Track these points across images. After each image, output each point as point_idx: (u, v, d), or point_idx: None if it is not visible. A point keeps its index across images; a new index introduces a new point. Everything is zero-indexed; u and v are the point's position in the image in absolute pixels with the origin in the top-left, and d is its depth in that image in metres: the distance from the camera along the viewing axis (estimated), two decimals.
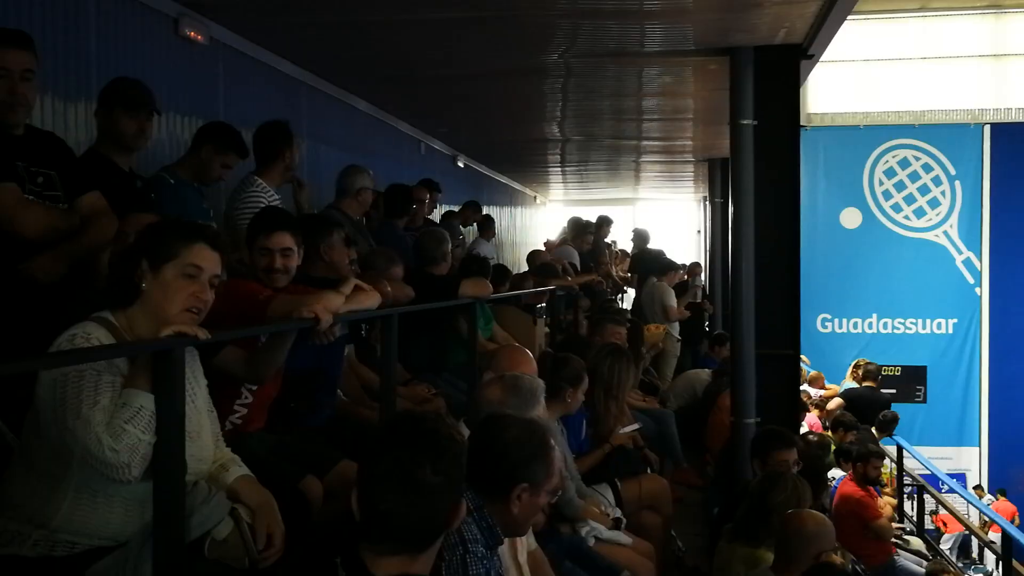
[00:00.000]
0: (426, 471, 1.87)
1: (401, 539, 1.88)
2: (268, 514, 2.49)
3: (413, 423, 1.98)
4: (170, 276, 2.40)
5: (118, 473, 2.21)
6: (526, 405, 3.01)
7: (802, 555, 3.71)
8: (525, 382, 3.17)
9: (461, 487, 1.94)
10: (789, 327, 5.98)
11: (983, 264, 14.92)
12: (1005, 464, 14.82)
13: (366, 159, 6.71)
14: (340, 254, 4.23)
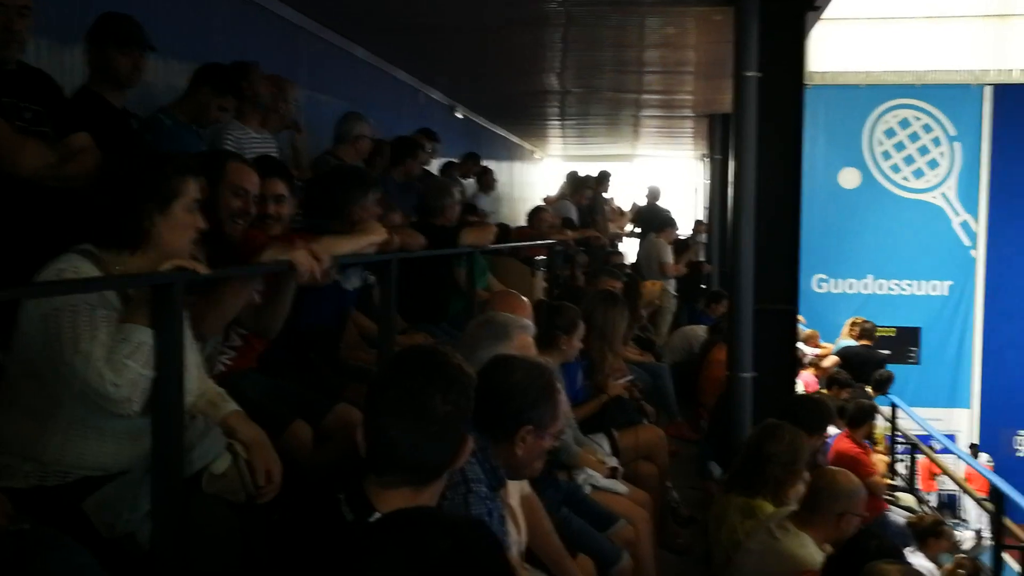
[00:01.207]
0: (436, 400, 1.86)
1: (408, 469, 1.87)
2: (264, 450, 2.49)
3: (424, 353, 1.98)
4: (179, 213, 2.41)
5: (120, 408, 2.21)
6: (496, 339, 2.99)
7: (827, 510, 3.73)
8: (499, 318, 3.15)
9: (469, 421, 1.93)
10: (788, 283, 5.96)
11: (980, 227, 14.91)
12: (995, 426, 14.94)
13: (364, 108, 6.64)
14: (371, 216, 4.02)
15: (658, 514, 4.82)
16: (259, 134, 4.73)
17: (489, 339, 3.02)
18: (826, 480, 3.87)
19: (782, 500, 4.15)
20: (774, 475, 4.11)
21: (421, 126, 7.89)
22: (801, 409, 4.71)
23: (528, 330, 3.19)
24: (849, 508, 3.75)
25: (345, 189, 3.97)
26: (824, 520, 3.69)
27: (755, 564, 3.68)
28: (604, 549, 3.77)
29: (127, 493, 2.26)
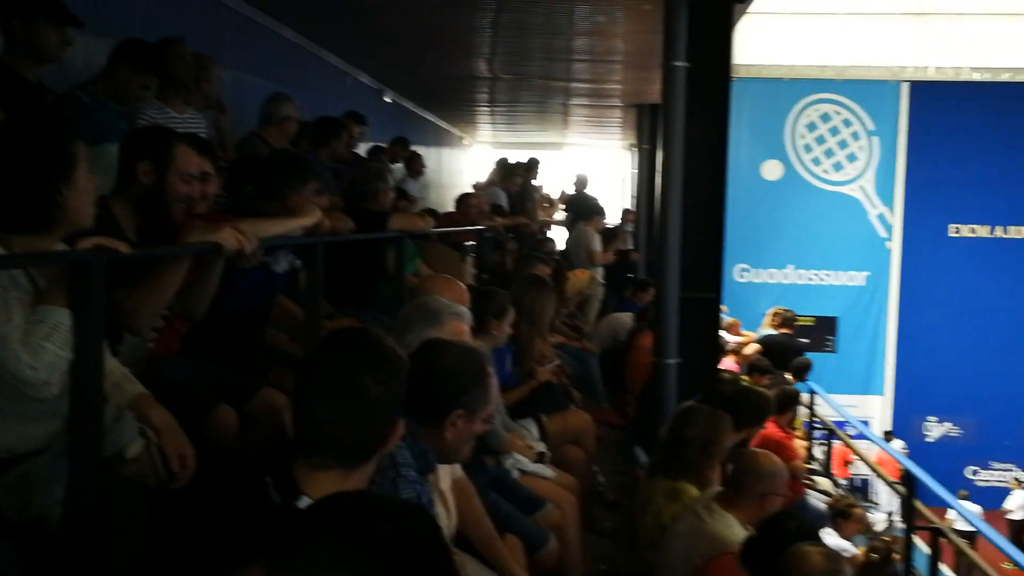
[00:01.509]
0: (366, 380, 1.83)
1: (337, 450, 1.84)
2: (174, 434, 2.44)
3: (356, 334, 1.95)
4: (81, 179, 2.33)
5: (38, 391, 2.13)
6: (427, 324, 2.98)
7: (751, 491, 3.80)
8: (433, 303, 3.14)
9: (400, 404, 1.91)
10: (712, 272, 6.06)
11: (896, 219, 15.38)
12: (907, 413, 15.46)
13: (291, 89, 6.52)
14: (306, 204, 4.00)
15: (585, 498, 4.86)
16: (182, 114, 4.60)
17: (421, 323, 3.00)
18: (749, 462, 3.94)
19: (704, 482, 4.22)
20: (693, 458, 4.18)
21: (349, 109, 7.79)
22: (743, 400, 4.81)
23: (462, 317, 3.18)
24: (772, 489, 3.82)
25: (285, 175, 3.91)
26: (748, 501, 3.75)
27: (682, 546, 3.74)
28: (531, 533, 3.78)
29: (40, 476, 2.19)
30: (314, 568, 1.29)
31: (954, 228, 15.41)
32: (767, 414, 4.89)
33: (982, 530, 7.77)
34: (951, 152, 15.07)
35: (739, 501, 3.77)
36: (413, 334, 2.96)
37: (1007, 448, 15.30)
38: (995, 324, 15.18)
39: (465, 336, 3.08)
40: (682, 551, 3.69)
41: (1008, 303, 15.14)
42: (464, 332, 3.11)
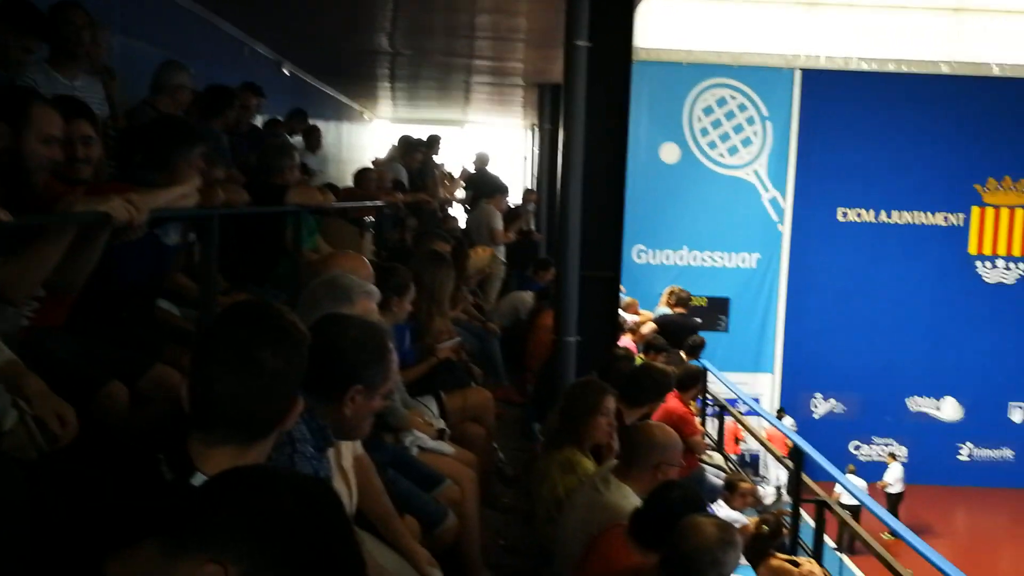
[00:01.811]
0: (266, 353, 1.78)
1: (233, 425, 1.79)
2: (48, 398, 2.34)
3: (256, 307, 1.89)
4: None
5: None
6: (339, 302, 2.93)
7: (645, 462, 3.86)
8: (342, 280, 3.09)
9: (299, 380, 1.86)
10: (612, 252, 6.14)
11: (787, 203, 15.84)
12: (795, 390, 16.03)
13: (185, 58, 6.30)
14: (196, 170, 3.89)
15: (484, 475, 4.88)
16: (72, 81, 4.40)
17: (330, 301, 2.95)
18: (643, 434, 4.01)
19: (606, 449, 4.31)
20: (583, 430, 4.26)
21: (246, 80, 7.58)
22: (644, 378, 4.90)
23: (372, 296, 3.13)
24: (665, 460, 3.90)
25: (171, 141, 3.76)
26: (642, 472, 3.81)
27: (580, 518, 3.79)
28: (430, 509, 3.78)
29: None
30: (213, 544, 1.27)
31: (842, 212, 15.97)
32: (667, 390, 4.99)
33: (864, 502, 8.13)
34: (840, 139, 15.61)
35: (634, 473, 3.82)
36: (321, 312, 2.90)
37: (887, 424, 16.04)
38: (878, 305, 15.83)
39: (373, 315, 3.04)
40: (580, 523, 3.74)
41: (891, 285, 15.81)
42: (373, 311, 3.08)
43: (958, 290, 15.89)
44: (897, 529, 6.45)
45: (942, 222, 15.94)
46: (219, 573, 1.26)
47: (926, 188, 15.78)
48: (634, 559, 3.33)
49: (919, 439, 16.04)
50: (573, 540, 3.67)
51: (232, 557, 1.27)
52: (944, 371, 15.94)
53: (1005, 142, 15.60)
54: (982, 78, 15.37)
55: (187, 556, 1.28)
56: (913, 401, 16.17)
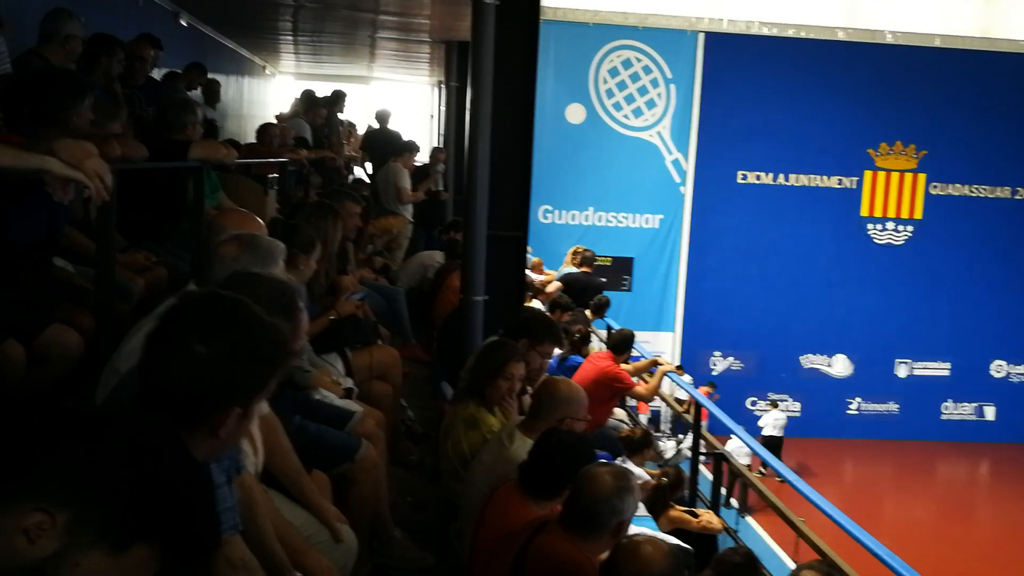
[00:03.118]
0: (198, 342, 1.75)
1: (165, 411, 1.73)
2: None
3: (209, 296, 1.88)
4: None
5: None
6: (263, 263, 2.90)
7: (549, 416, 3.92)
8: (263, 241, 3.05)
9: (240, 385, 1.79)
10: (519, 211, 6.17)
11: (689, 165, 16.11)
12: (695, 348, 16.44)
13: (75, 7, 6.04)
14: (85, 123, 3.80)
15: (392, 433, 4.89)
16: None
17: (254, 262, 2.90)
18: (547, 389, 4.09)
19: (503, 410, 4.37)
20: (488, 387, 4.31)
21: (140, 31, 7.30)
22: (530, 322, 4.96)
23: (284, 254, 3.12)
24: (569, 414, 3.97)
25: (59, 94, 3.64)
26: (547, 427, 3.84)
27: (485, 472, 3.84)
28: (343, 443, 3.79)
29: None
30: (37, 492, 1.23)
31: (741, 175, 16.33)
32: (552, 334, 5.05)
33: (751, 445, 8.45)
34: (741, 103, 15.91)
35: (539, 426, 3.88)
36: (236, 270, 2.86)
37: (782, 380, 16.62)
38: (776, 266, 16.31)
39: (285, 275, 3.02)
40: (484, 478, 3.80)
41: (788, 247, 16.29)
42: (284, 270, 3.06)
43: (851, 251, 16.47)
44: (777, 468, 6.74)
45: (836, 185, 16.46)
46: (46, 521, 1.22)
47: (822, 152, 16.25)
48: (530, 512, 3.40)
49: (812, 394, 16.68)
50: (478, 495, 3.72)
51: (58, 504, 1.22)
52: (836, 329, 16.56)
53: (897, 108, 16.15)
54: (877, 45, 15.84)
55: (14, 506, 1.22)
56: (807, 358, 16.78)
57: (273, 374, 1.83)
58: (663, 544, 3.00)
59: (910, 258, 16.60)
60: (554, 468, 3.43)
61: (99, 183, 2.75)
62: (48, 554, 1.22)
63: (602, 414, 7.35)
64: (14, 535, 1.21)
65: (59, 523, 1.22)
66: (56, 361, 3.09)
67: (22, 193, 3.34)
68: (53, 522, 1.22)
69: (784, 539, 9.64)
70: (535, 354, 4.72)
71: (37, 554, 1.21)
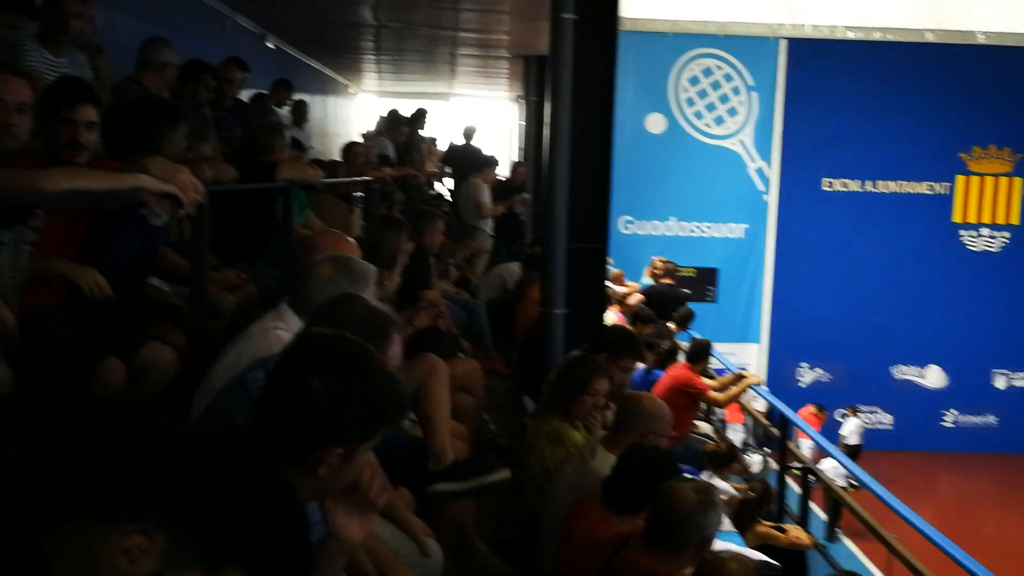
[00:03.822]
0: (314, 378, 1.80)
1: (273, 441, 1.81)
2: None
3: (327, 336, 1.93)
4: None
5: None
6: (356, 286, 2.96)
7: (632, 431, 3.91)
8: (357, 264, 3.12)
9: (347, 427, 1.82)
10: (599, 223, 6.17)
11: (773, 173, 15.87)
12: (781, 359, 16.15)
13: (167, 32, 6.27)
14: (179, 147, 3.97)
15: (474, 446, 4.92)
16: (57, 58, 4.39)
17: (349, 284, 2.97)
18: (631, 404, 4.07)
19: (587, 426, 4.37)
20: (573, 402, 4.31)
21: (229, 55, 7.54)
22: (611, 336, 4.95)
23: (375, 277, 3.17)
24: (652, 429, 3.95)
25: (153, 121, 3.79)
26: (630, 441, 3.84)
27: (568, 488, 3.85)
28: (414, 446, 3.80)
29: None
30: (138, 514, 1.27)
31: (827, 182, 16.01)
32: (634, 348, 5.03)
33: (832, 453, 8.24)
34: (826, 108, 15.61)
35: (622, 441, 3.87)
36: (331, 291, 2.93)
37: (873, 392, 16.19)
38: (864, 275, 15.92)
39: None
40: (568, 493, 3.80)
41: (876, 255, 15.88)
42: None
43: (943, 259, 15.98)
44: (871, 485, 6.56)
45: (927, 191, 16.01)
46: (145, 543, 1.27)
47: (911, 157, 15.83)
48: (613, 527, 3.39)
49: (904, 407, 16.20)
50: (561, 510, 3.73)
51: (157, 526, 1.27)
52: (928, 339, 16.06)
53: (989, 110, 15.63)
54: (967, 46, 15.38)
55: (116, 526, 1.28)
56: (898, 369, 16.32)
57: (382, 423, 1.85)
58: (749, 560, 2.96)
59: (1007, 265, 16.02)
60: (637, 483, 3.42)
61: (192, 194, 2.89)
62: (146, 575, 1.27)
63: (683, 425, 7.28)
64: (116, 555, 1.26)
65: (158, 545, 1.27)
66: (153, 378, 3.21)
67: (120, 217, 3.48)
68: (152, 544, 1.27)
69: (877, 557, 9.37)
70: (616, 369, 4.70)
71: (137, 574, 1.27)
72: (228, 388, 2.43)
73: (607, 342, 4.83)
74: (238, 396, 2.34)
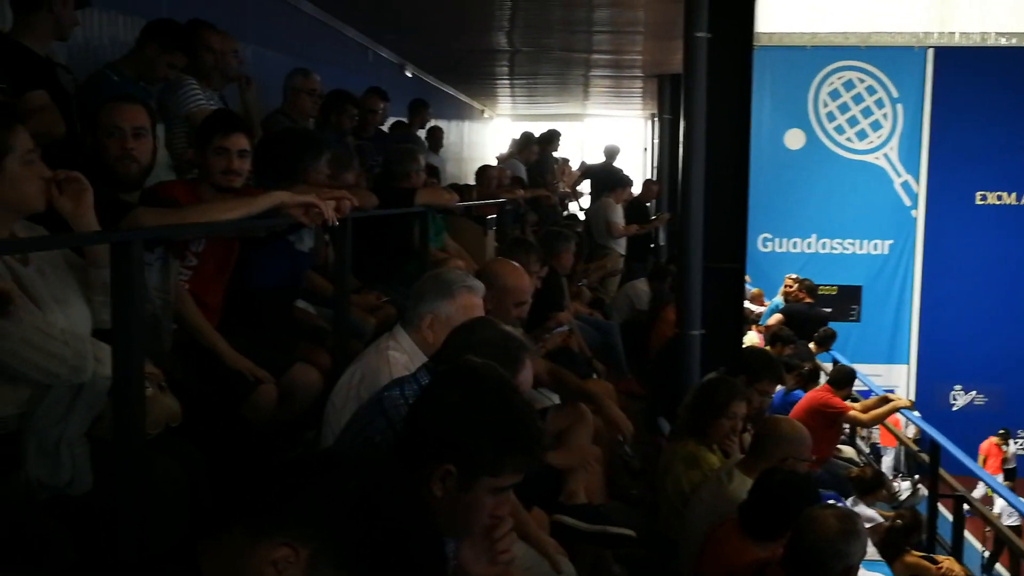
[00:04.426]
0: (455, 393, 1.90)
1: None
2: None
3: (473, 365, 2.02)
4: (14, 168, 2.28)
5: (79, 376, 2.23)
6: (439, 296, 3.02)
7: (771, 455, 3.84)
8: (446, 274, 3.15)
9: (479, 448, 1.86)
10: (736, 242, 6.08)
11: (920, 187, 15.24)
12: (932, 381, 15.41)
13: (312, 65, 6.56)
14: (322, 176, 4.17)
15: (611, 467, 4.91)
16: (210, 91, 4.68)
17: (432, 295, 3.05)
18: (769, 427, 3.99)
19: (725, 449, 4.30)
20: (710, 425, 4.25)
21: (370, 84, 7.82)
22: (750, 359, 4.86)
23: (475, 290, 3.13)
24: (791, 453, 3.86)
25: (298, 152, 4.00)
26: (768, 466, 3.76)
27: (704, 511, 3.80)
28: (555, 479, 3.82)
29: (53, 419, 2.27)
30: (284, 527, 1.34)
31: (980, 195, 15.26)
32: (774, 371, 4.91)
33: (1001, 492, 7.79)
34: (977, 119, 14.88)
35: (760, 466, 3.80)
36: (426, 305, 3.02)
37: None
38: (1020, 291, 15.06)
39: (477, 309, 3.06)
40: (704, 517, 3.76)
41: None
42: (476, 306, 3.08)
43: None
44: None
45: None
46: (290, 555, 1.33)
47: None
48: (751, 553, 3.33)
49: None
50: (698, 534, 3.68)
51: (302, 539, 1.34)
52: None
53: None
54: None
55: (265, 539, 1.35)
56: None
57: (506, 457, 1.85)
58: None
59: None
60: (775, 508, 3.35)
61: (331, 209, 3.04)
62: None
63: (823, 448, 7.05)
64: (264, 566, 1.35)
65: (302, 558, 1.35)
66: (300, 398, 3.36)
67: (269, 242, 3.67)
68: (297, 557, 1.35)
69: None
70: (754, 392, 4.61)
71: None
72: (366, 407, 2.52)
73: (745, 365, 4.75)
74: (375, 414, 2.43)
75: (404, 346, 3.01)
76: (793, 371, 7.64)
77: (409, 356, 2.96)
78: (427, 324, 3.01)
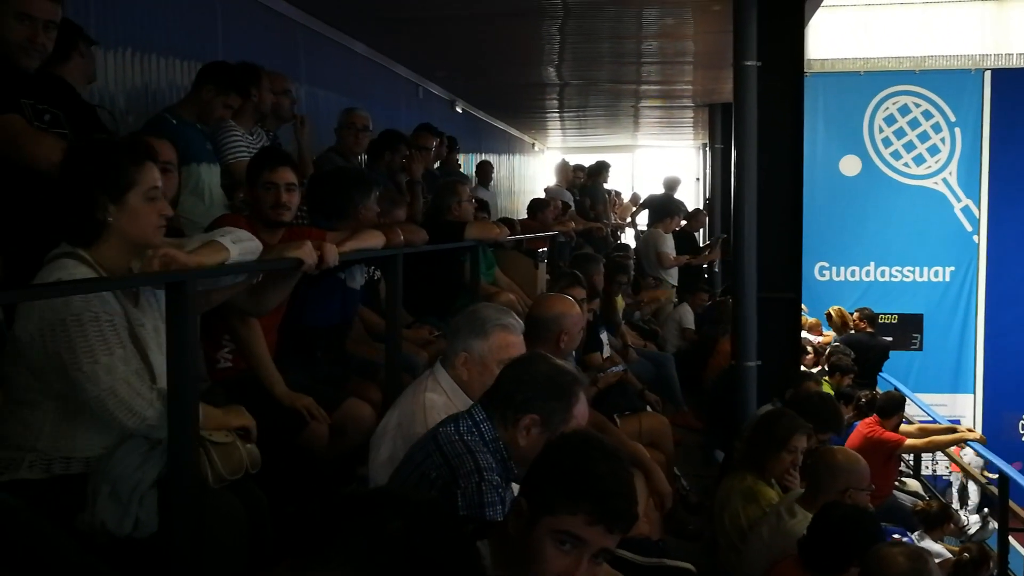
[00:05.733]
0: None
1: None
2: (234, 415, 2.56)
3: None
4: (136, 203, 2.37)
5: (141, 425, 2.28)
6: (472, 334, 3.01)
7: (830, 488, 3.76)
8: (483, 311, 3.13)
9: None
10: (791, 271, 6.00)
11: (982, 211, 14.91)
12: (998, 410, 14.97)
13: (364, 103, 6.66)
14: (373, 214, 4.26)
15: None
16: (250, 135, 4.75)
17: (466, 332, 3.02)
18: (825, 459, 3.91)
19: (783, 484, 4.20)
20: (768, 459, 4.16)
21: (421, 121, 7.90)
22: (813, 407, 4.73)
23: (509, 328, 3.07)
24: (851, 483, 3.78)
25: (348, 190, 4.07)
26: (828, 498, 3.69)
27: (764, 547, 3.72)
28: None
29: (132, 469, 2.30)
30: (327, 564, 1.32)
31: None
32: (836, 420, 4.80)
33: None
34: None
35: (820, 499, 3.72)
36: (460, 342, 3.01)
37: None
38: None
39: (514, 348, 3.00)
40: (763, 552, 3.68)
41: None
42: (513, 343, 3.03)
43: None
44: None
45: None
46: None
47: None
48: None
49: None
50: (757, 570, 3.60)
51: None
52: None
53: None
54: None
55: (311, 574, 1.34)
56: None
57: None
58: None
59: None
60: (836, 543, 3.26)
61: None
62: None
63: (883, 485, 6.84)
64: None
65: None
66: (351, 433, 3.37)
67: (322, 280, 3.70)
68: None
69: None
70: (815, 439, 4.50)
71: None
72: (421, 442, 2.52)
73: (809, 413, 4.61)
74: (430, 450, 2.42)
75: (444, 385, 2.98)
76: (852, 403, 7.47)
77: (448, 395, 2.94)
78: (461, 362, 2.99)
